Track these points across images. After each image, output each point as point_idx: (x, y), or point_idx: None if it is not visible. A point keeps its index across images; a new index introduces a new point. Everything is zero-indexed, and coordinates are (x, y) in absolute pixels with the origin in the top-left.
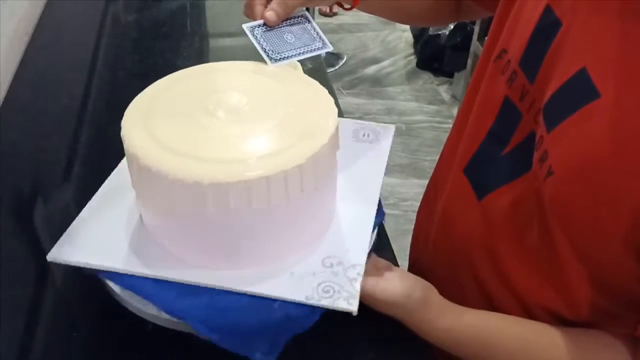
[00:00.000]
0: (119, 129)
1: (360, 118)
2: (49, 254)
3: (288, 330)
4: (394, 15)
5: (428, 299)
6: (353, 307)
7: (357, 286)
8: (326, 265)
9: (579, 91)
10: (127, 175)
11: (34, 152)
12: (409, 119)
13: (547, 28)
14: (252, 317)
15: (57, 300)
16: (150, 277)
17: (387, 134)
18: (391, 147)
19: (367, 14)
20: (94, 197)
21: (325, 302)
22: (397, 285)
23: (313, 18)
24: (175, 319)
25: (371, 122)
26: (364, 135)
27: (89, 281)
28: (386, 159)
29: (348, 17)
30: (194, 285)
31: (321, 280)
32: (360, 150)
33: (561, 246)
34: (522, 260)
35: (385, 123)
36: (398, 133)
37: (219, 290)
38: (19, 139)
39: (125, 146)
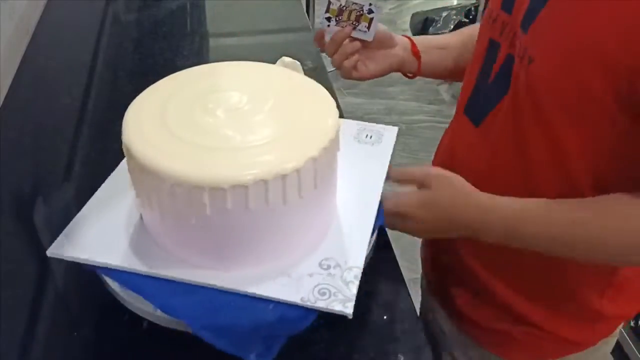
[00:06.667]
0: (119, 128)
1: (360, 118)
2: (49, 249)
3: (282, 332)
4: (452, 76)
5: (451, 180)
6: (348, 310)
7: (354, 289)
8: (323, 267)
9: None
10: (127, 174)
11: (34, 152)
12: (409, 118)
13: None
14: (246, 317)
15: (57, 300)
16: (147, 274)
17: (390, 135)
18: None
19: None
20: (94, 195)
21: (321, 304)
22: (412, 191)
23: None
24: (170, 317)
25: (374, 124)
26: (366, 136)
27: (89, 281)
28: (388, 161)
29: None
30: (191, 285)
31: (318, 282)
32: (362, 152)
33: (555, 133)
34: (522, 173)
35: (385, 123)
36: (398, 133)
37: (215, 289)
38: (19, 139)
39: (124, 147)
